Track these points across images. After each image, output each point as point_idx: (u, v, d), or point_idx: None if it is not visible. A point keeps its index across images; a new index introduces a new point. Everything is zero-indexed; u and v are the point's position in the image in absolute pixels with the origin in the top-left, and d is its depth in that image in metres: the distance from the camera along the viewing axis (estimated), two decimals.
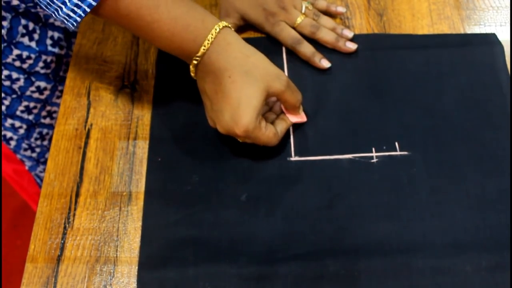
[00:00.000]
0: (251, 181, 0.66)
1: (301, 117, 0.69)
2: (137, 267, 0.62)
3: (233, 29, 0.62)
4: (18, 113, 0.87)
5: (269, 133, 0.64)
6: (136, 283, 0.61)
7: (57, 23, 0.82)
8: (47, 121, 0.91)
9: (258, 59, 0.63)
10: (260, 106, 0.62)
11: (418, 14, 0.80)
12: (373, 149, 0.68)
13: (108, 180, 0.68)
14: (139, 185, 0.67)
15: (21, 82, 0.83)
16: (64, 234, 0.64)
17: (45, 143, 0.94)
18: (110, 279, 0.62)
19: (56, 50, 0.83)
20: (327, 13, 0.79)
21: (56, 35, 0.83)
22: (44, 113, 0.90)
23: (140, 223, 0.65)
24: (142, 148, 0.70)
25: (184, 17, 0.61)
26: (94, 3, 0.58)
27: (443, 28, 0.78)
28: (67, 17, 0.59)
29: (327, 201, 0.65)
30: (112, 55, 0.77)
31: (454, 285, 0.59)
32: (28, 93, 0.85)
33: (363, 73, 0.74)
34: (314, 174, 0.67)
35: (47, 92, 0.87)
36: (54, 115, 0.91)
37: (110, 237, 0.64)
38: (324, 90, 0.73)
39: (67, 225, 0.65)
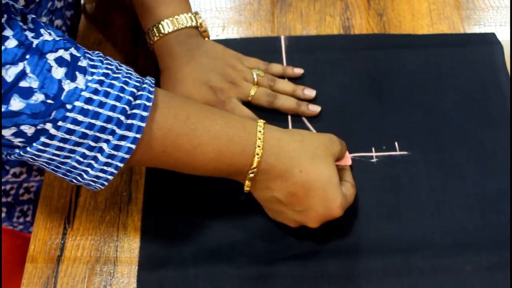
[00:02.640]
0: None
1: (349, 156, 0.65)
2: (137, 267, 0.62)
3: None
4: None
5: (352, 190, 0.61)
6: (136, 283, 0.61)
7: None
8: (26, 197, 0.85)
9: (308, 137, 0.59)
10: (338, 177, 0.58)
11: (418, 14, 0.80)
12: (373, 149, 0.68)
13: None
14: (139, 185, 0.67)
15: None
16: (64, 234, 0.64)
17: (28, 219, 0.88)
18: (110, 279, 0.62)
19: None
20: (285, 76, 0.74)
21: None
22: (22, 191, 0.84)
23: (140, 223, 0.65)
24: None
25: (225, 131, 0.55)
26: (127, 156, 0.50)
27: (443, 28, 0.78)
28: (94, 179, 0.52)
29: None
30: (112, 55, 0.76)
31: (454, 284, 0.59)
32: (3, 180, 0.80)
33: (363, 73, 0.74)
34: None
35: (23, 176, 0.82)
36: (32, 189, 0.85)
37: (110, 237, 0.64)
38: (324, 90, 0.73)
39: (67, 225, 0.65)
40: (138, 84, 0.51)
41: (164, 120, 0.52)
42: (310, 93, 0.72)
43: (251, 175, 0.57)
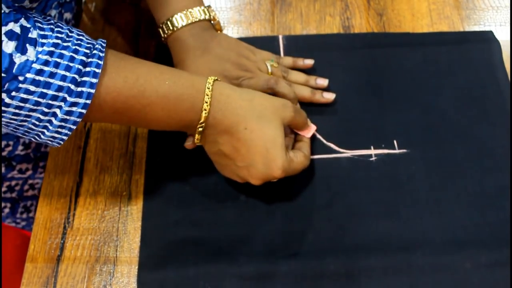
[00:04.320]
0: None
1: (312, 128, 0.67)
2: (136, 267, 0.62)
3: None
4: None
5: (301, 159, 0.63)
6: (136, 283, 0.61)
7: None
8: (30, 193, 0.87)
9: (260, 98, 0.61)
10: (284, 141, 0.61)
11: (418, 14, 0.80)
12: (372, 147, 0.68)
13: (108, 180, 0.68)
14: (139, 185, 0.67)
15: (2, 170, 0.80)
16: (64, 234, 0.64)
17: (31, 214, 0.90)
18: (110, 279, 0.61)
19: None
20: (295, 68, 0.74)
21: None
22: (26, 187, 0.86)
23: (140, 223, 0.65)
24: (141, 148, 0.70)
25: (173, 90, 0.58)
26: (79, 120, 0.55)
27: (443, 28, 0.78)
28: (51, 139, 0.56)
29: (326, 200, 0.65)
30: None
31: (454, 282, 0.59)
32: (9, 175, 0.82)
33: (361, 71, 0.74)
34: (313, 173, 0.67)
35: (29, 172, 0.83)
36: (36, 186, 0.87)
37: (110, 237, 0.64)
38: (322, 88, 0.73)
39: (67, 225, 0.65)
40: (88, 51, 0.54)
41: (114, 84, 0.56)
42: (323, 82, 0.72)
43: (200, 129, 0.60)
